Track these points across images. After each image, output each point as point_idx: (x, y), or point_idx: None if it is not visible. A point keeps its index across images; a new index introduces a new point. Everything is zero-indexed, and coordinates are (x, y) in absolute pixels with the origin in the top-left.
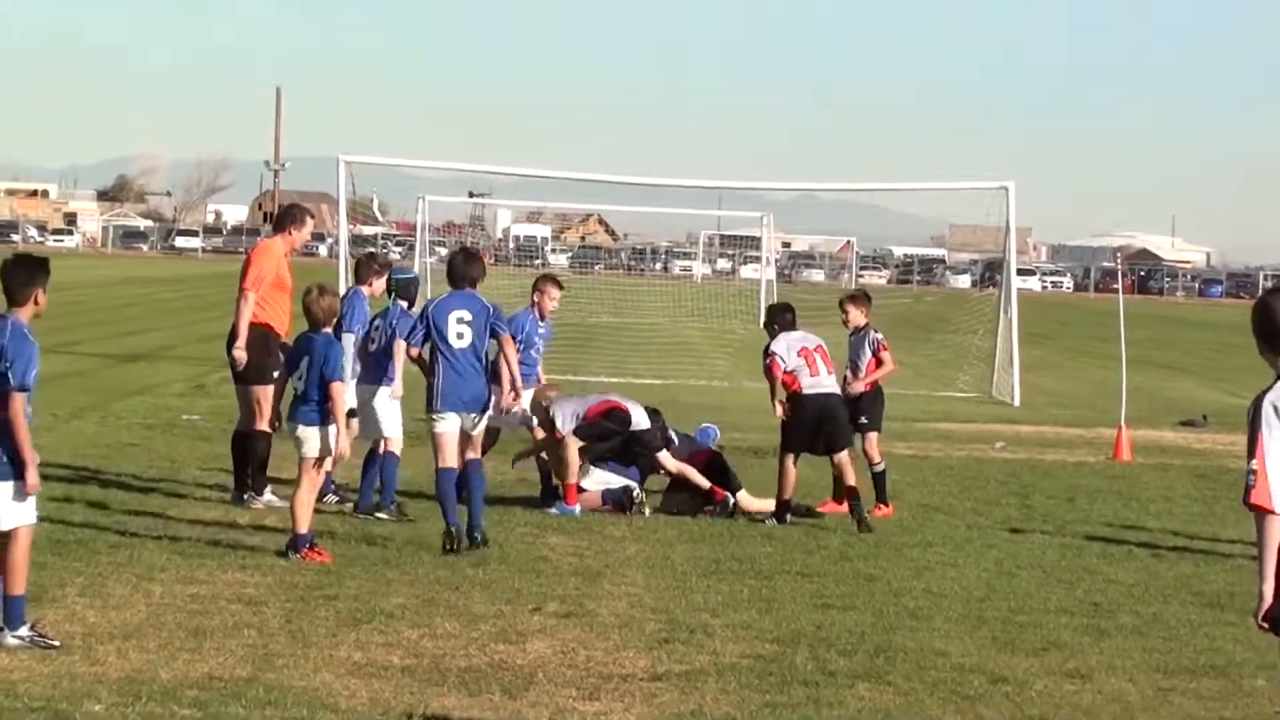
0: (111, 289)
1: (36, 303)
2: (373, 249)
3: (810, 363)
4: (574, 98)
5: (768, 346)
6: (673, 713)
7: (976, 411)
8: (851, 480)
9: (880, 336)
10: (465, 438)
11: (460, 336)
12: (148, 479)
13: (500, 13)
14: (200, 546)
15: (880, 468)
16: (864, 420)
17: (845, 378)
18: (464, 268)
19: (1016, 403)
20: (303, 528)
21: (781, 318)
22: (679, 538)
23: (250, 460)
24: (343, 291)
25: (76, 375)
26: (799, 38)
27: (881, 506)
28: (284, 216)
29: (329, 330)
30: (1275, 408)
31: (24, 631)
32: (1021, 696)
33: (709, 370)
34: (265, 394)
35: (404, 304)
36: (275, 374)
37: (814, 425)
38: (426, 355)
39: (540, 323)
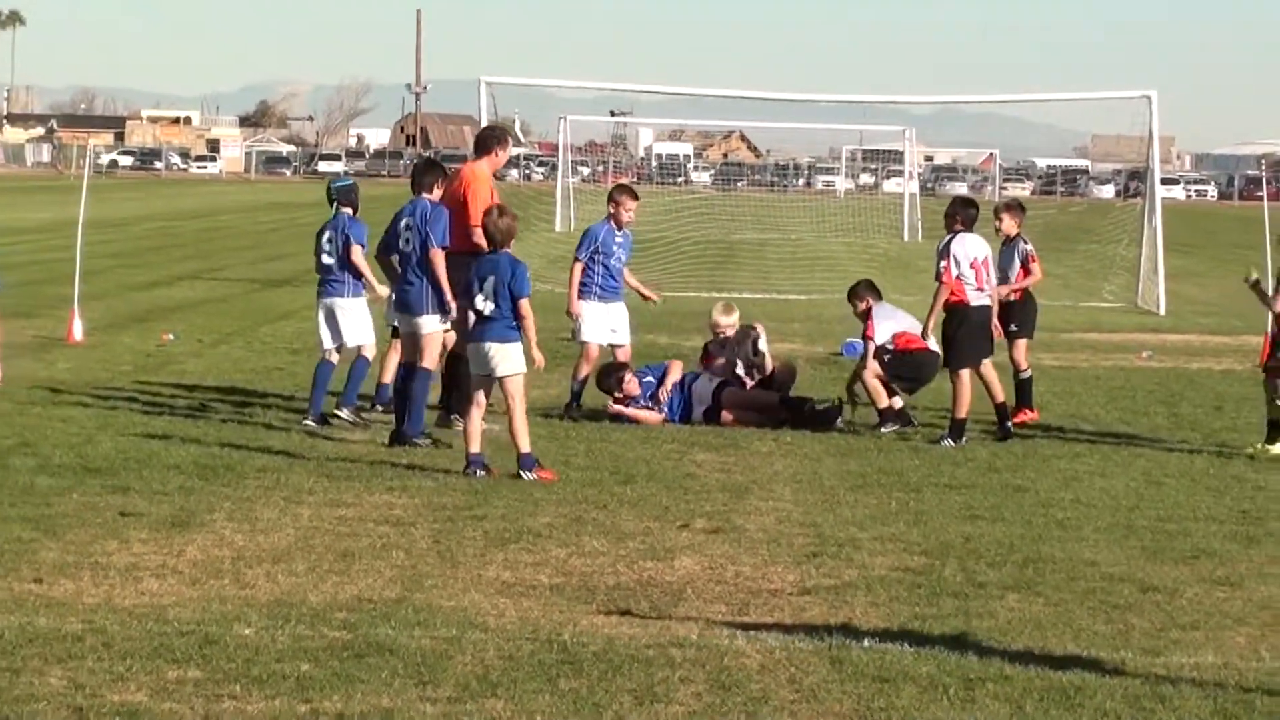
0: (254, 214)
1: None
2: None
3: (978, 275)
4: (715, 13)
5: (947, 245)
6: (822, 626)
7: (1122, 321)
8: (1000, 394)
9: (1030, 248)
10: (412, 340)
11: (407, 242)
12: (293, 403)
13: None
14: (346, 469)
15: (1027, 374)
16: (1014, 327)
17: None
18: (417, 175)
19: (1162, 312)
20: (525, 446)
21: (965, 212)
22: (825, 452)
23: (457, 382)
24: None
25: (221, 301)
26: None
27: (1026, 411)
28: (487, 139)
29: (509, 250)
30: None
31: None
32: (1172, 605)
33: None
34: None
35: (348, 211)
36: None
37: (981, 336)
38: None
39: (618, 233)
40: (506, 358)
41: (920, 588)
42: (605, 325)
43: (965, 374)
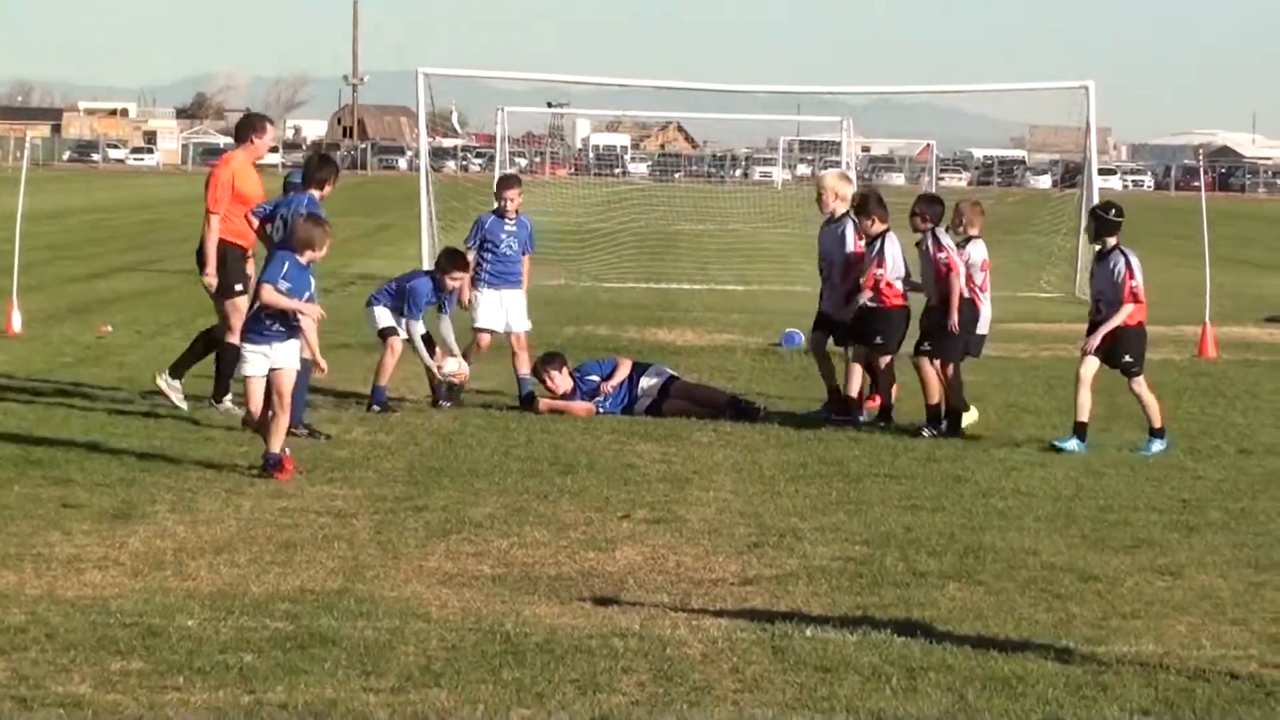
0: (191, 205)
1: None
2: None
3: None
4: (651, 4)
5: (930, 236)
6: (764, 616)
7: (1060, 311)
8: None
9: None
10: None
11: (278, 231)
12: (233, 394)
13: None
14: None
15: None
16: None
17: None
18: (309, 170)
19: None
20: (275, 446)
21: (932, 210)
22: (766, 442)
23: (222, 369)
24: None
25: (159, 292)
26: None
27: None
28: (243, 126)
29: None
30: None
31: None
32: (1112, 594)
33: (791, 275)
34: (231, 307)
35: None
36: (239, 287)
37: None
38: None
39: (506, 221)
40: (279, 355)
41: (862, 577)
42: (499, 312)
43: (934, 365)
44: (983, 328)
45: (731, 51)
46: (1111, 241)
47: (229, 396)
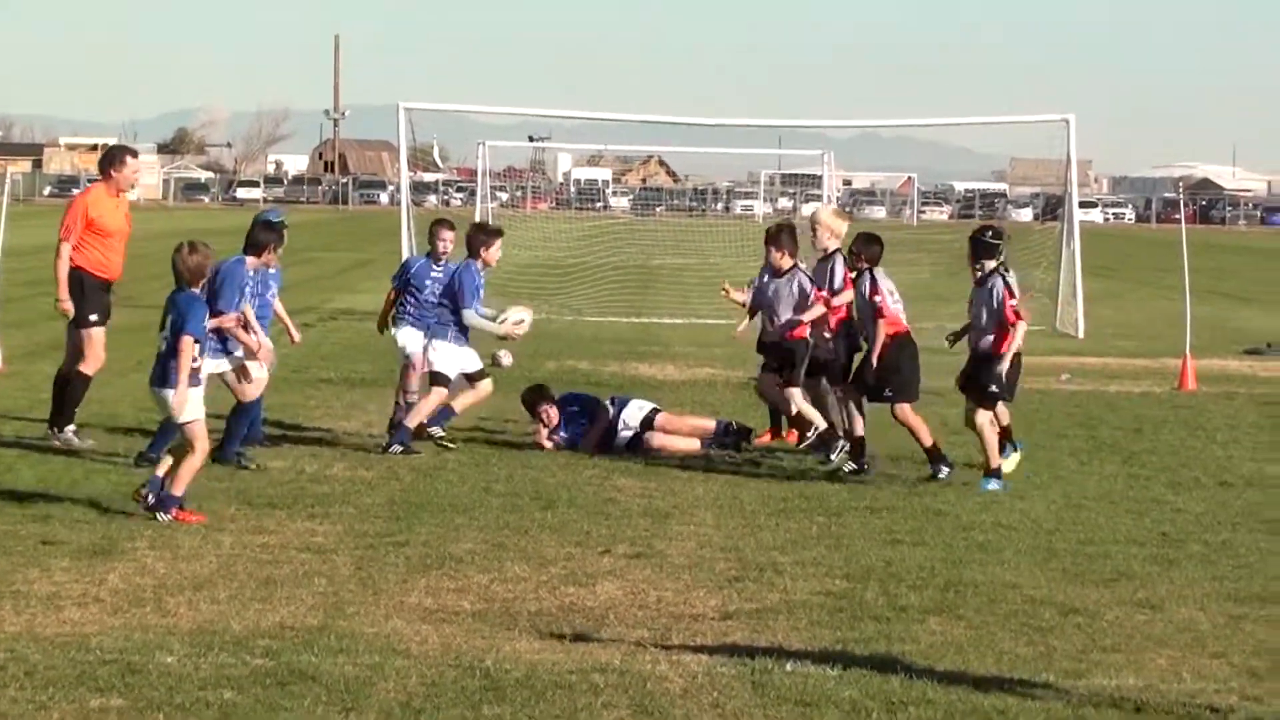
0: (172, 241)
1: None
2: (482, 221)
3: (903, 303)
4: (633, 39)
5: (867, 277)
6: (745, 651)
7: (1041, 344)
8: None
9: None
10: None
11: None
12: (212, 430)
13: None
14: (268, 496)
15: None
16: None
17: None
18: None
19: (1081, 335)
20: (179, 490)
21: (869, 250)
22: (746, 476)
23: (66, 398)
24: (405, 243)
25: (141, 329)
26: None
27: (774, 434)
28: (104, 160)
29: (196, 290)
30: None
31: None
32: (1093, 627)
33: None
34: (85, 336)
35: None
36: (93, 317)
37: (918, 368)
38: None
39: (435, 266)
40: (181, 404)
41: (842, 612)
42: (419, 340)
43: (907, 407)
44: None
45: (713, 85)
46: (990, 265)
47: (71, 426)
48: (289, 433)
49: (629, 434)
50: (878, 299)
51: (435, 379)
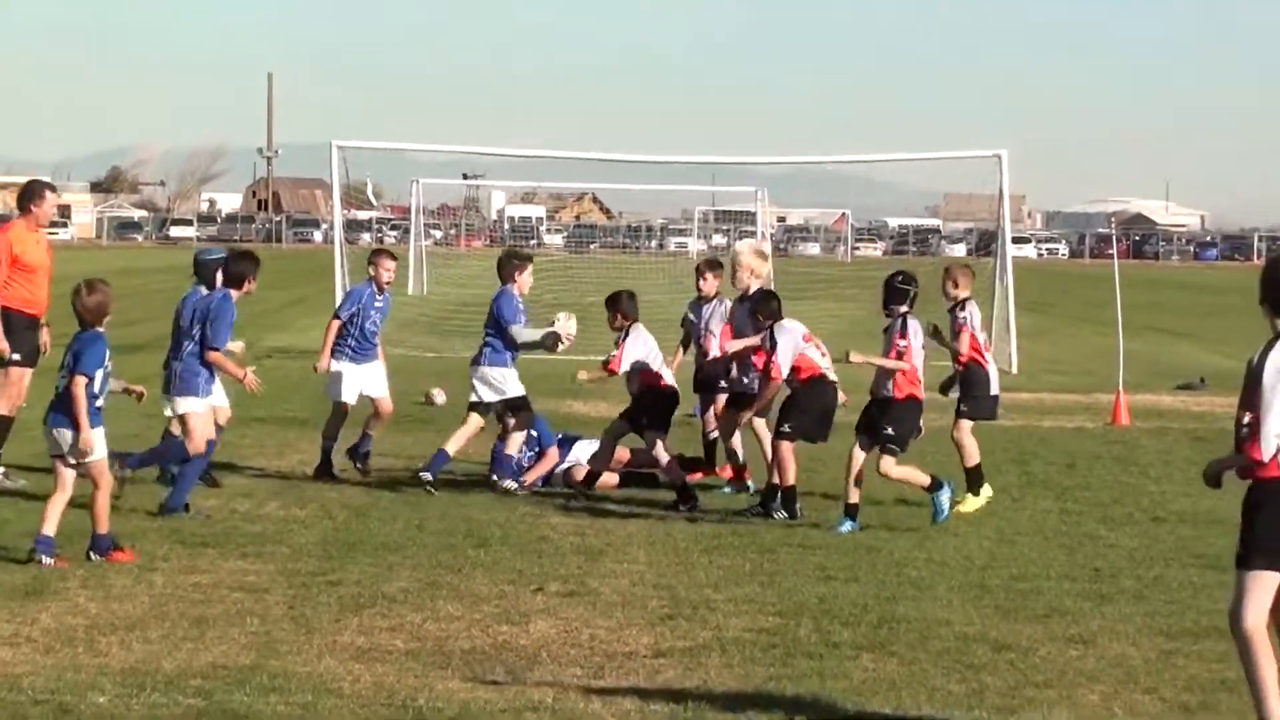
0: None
1: None
2: (514, 246)
3: (819, 346)
4: (567, 77)
5: (771, 334)
6: (677, 689)
7: None
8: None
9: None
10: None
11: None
12: (145, 471)
13: None
14: (201, 535)
15: (713, 435)
16: (724, 383)
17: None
18: (213, 265)
19: (1014, 370)
20: (103, 528)
21: (768, 307)
22: (679, 513)
23: None
24: (339, 281)
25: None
26: (789, 8)
27: (706, 472)
28: (23, 195)
29: (99, 328)
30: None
31: None
32: (1025, 664)
33: None
34: (6, 375)
35: (203, 289)
36: (15, 356)
37: (828, 414)
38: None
39: (378, 296)
40: (88, 442)
41: (775, 648)
42: (356, 385)
43: (789, 445)
44: (995, 389)
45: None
46: (900, 309)
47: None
48: (221, 472)
49: (568, 466)
50: (774, 359)
51: (514, 405)
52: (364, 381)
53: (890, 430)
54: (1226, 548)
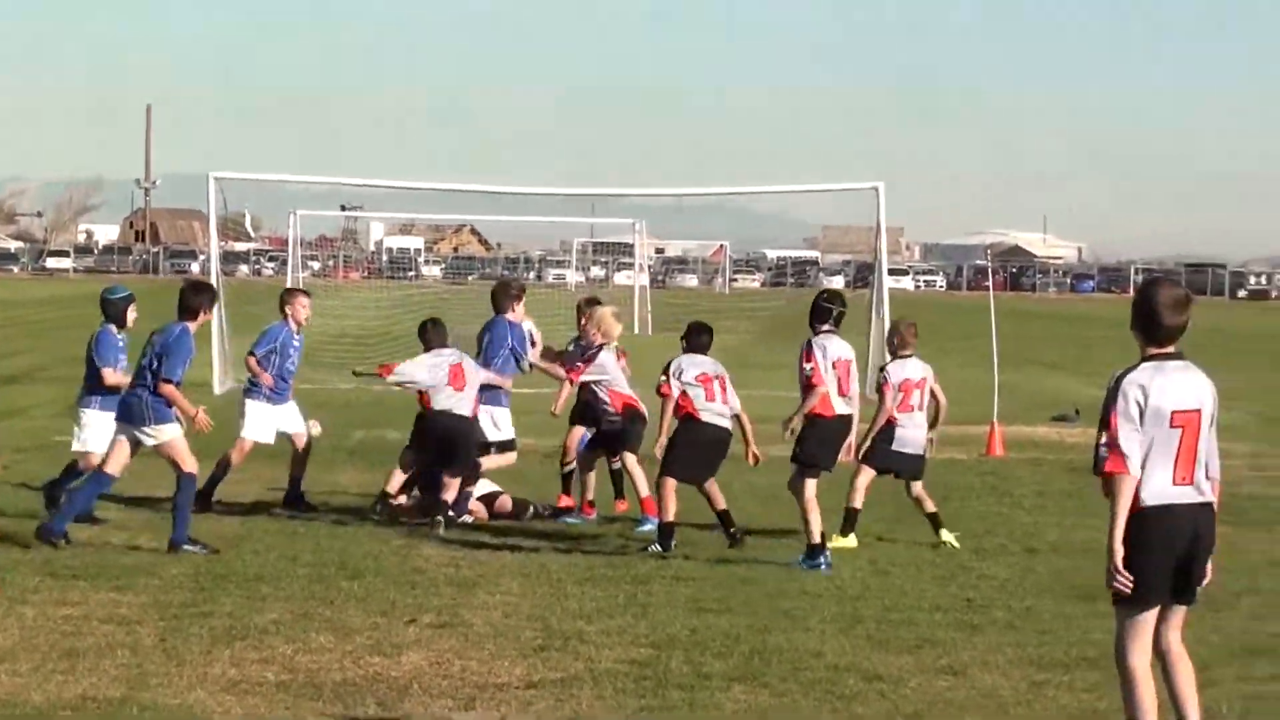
0: None
1: None
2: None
3: (708, 388)
4: (442, 106)
5: (677, 364)
6: None
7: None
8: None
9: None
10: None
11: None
12: (20, 502)
13: (364, 25)
14: (72, 568)
15: (616, 467)
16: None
17: None
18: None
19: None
20: None
21: (697, 340)
22: (553, 545)
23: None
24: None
25: None
26: (662, 36)
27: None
28: None
29: None
30: (1140, 387)
31: None
32: (896, 694)
33: None
34: None
35: (113, 327)
36: None
37: (704, 451)
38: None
39: (295, 335)
40: None
41: (646, 680)
42: (270, 425)
43: (670, 481)
44: (899, 445)
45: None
46: (823, 328)
47: None
48: (98, 504)
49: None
50: (662, 378)
51: (505, 447)
52: (281, 420)
53: (797, 448)
54: (1099, 578)
